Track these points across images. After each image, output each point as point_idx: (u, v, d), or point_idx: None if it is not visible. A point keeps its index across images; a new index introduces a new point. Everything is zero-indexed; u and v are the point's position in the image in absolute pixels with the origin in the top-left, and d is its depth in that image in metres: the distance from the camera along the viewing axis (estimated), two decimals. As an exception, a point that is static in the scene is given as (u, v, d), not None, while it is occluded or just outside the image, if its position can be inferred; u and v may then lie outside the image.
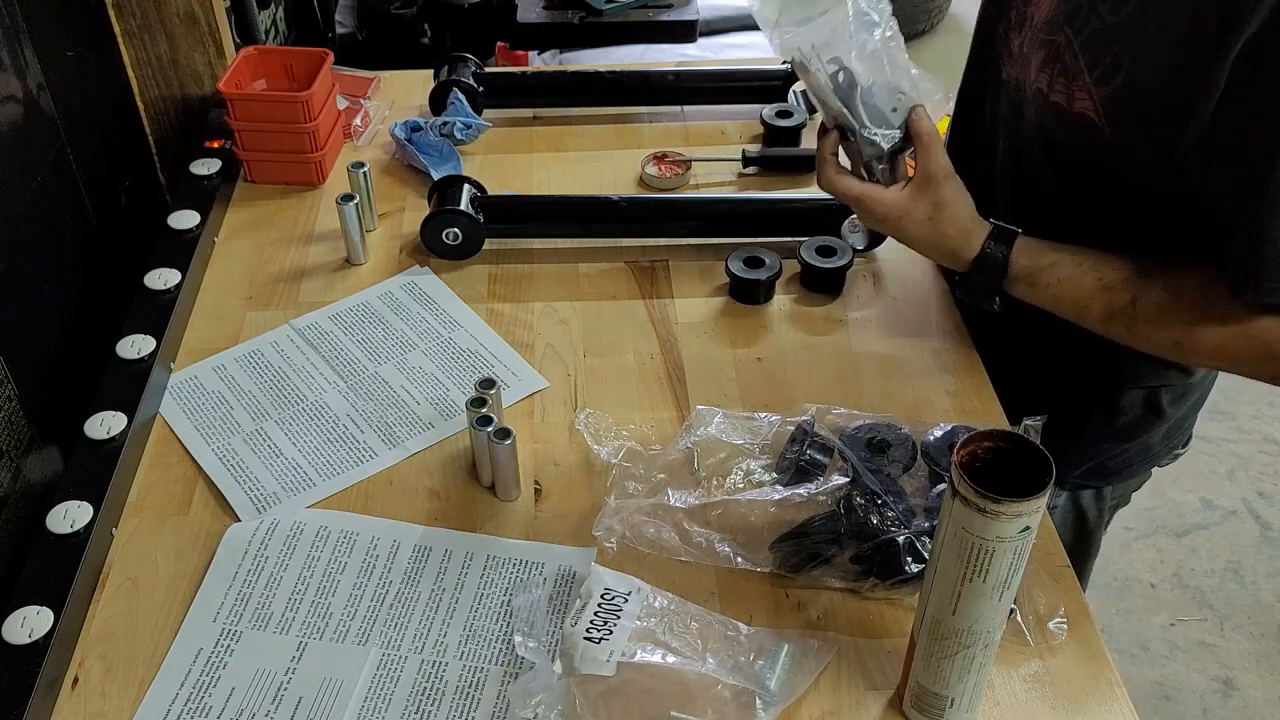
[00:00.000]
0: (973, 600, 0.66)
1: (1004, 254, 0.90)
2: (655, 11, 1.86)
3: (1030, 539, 0.63)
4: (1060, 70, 0.87)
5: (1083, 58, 0.85)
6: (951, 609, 0.67)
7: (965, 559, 0.64)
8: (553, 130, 1.35)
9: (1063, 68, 0.87)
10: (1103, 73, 0.84)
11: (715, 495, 0.87)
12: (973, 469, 0.64)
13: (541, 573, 0.84)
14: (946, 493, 0.64)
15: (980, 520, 0.62)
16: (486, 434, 0.86)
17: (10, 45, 0.99)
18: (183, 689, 0.77)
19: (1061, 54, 0.87)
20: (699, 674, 0.74)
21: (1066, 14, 0.86)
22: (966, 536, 0.63)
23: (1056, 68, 0.87)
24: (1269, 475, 2.24)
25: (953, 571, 0.65)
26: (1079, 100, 0.86)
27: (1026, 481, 0.62)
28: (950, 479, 0.63)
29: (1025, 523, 0.62)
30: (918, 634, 0.72)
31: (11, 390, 0.92)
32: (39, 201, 1.02)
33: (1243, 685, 1.89)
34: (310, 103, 1.19)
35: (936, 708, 0.73)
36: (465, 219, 1.12)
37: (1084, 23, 0.85)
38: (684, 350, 1.04)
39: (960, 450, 0.64)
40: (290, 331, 1.06)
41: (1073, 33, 0.85)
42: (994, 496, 0.61)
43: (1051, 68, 0.88)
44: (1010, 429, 0.65)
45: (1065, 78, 0.87)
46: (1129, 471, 1.11)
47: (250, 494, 0.90)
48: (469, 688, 0.77)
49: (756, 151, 1.27)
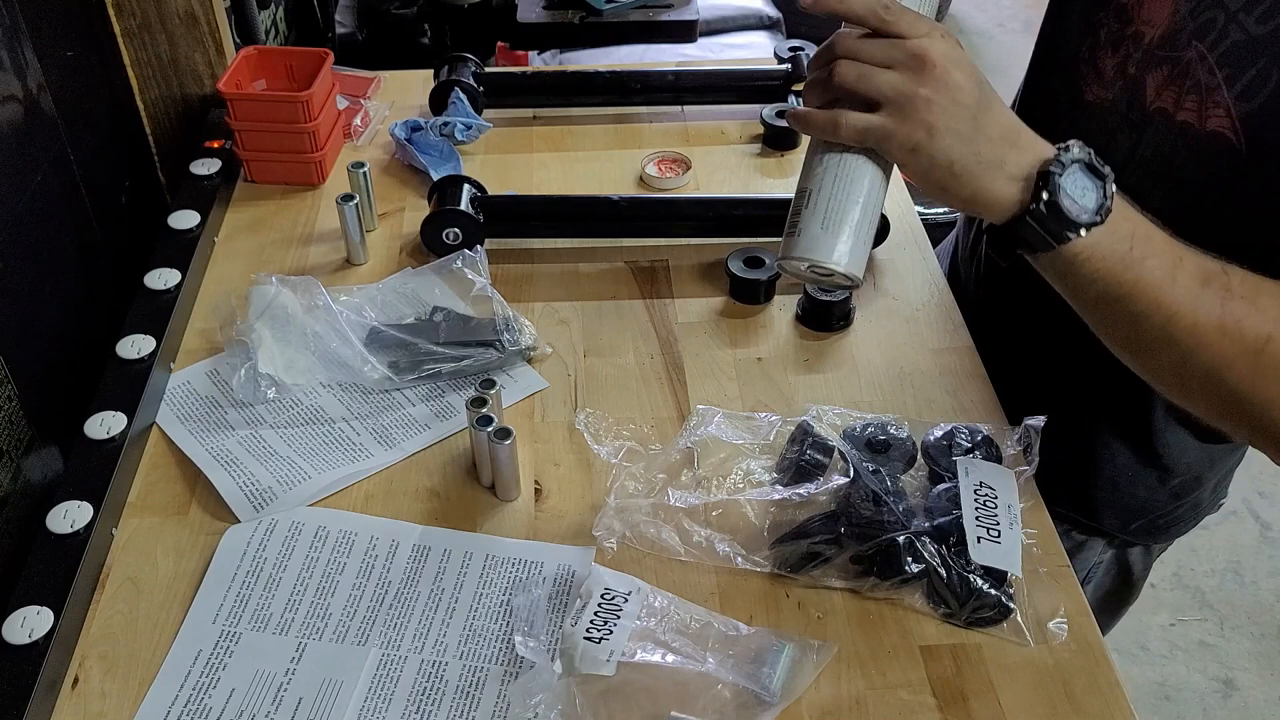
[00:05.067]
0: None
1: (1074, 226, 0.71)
2: (655, 11, 1.87)
3: None
4: (1191, 87, 0.82)
5: (1220, 73, 0.79)
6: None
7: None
8: (553, 130, 1.35)
9: (1194, 84, 0.81)
10: (1245, 88, 0.78)
11: (715, 495, 0.87)
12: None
13: (541, 572, 0.84)
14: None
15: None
16: (486, 434, 0.86)
17: (10, 45, 0.99)
18: (183, 690, 0.77)
19: (1193, 70, 0.81)
20: (699, 674, 0.74)
21: (1196, 29, 0.81)
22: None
23: (1186, 84, 0.82)
24: (1269, 475, 2.23)
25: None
26: (1213, 118, 0.80)
27: None
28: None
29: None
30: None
31: (11, 390, 0.92)
32: (39, 201, 1.02)
33: (1243, 685, 1.89)
34: (310, 103, 1.19)
35: (794, 212, 0.75)
36: (465, 219, 1.12)
37: (1221, 35, 0.79)
38: (684, 350, 1.04)
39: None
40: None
41: (1205, 47, 0.81)
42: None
43: (1179, 85, 0.83)
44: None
45: (1197, 94, 0.81)
46: (1179, 529, 1.07)
47: (248, 493, 0.89)
48: (469, 687, 0.77)
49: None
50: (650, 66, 1.59)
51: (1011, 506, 0.82)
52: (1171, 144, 0.84)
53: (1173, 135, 0.84)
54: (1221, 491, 1.08)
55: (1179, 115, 0.83)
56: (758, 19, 2.30)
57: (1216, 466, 1.02)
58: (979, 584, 0.79)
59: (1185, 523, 1.06)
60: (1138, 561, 1.10)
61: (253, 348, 0.99)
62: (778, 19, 2.36)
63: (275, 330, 1.00)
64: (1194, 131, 0.82)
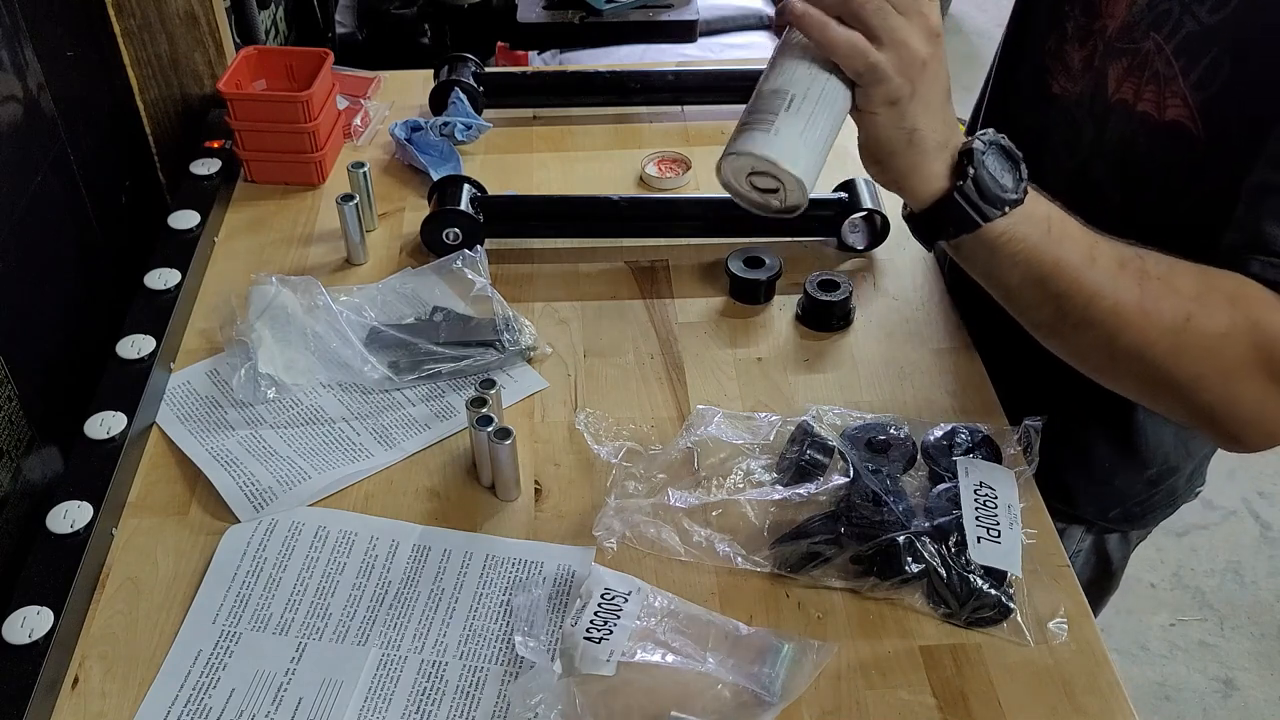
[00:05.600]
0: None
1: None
2: (655, 11, 1.87)
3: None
4: (1150, 77, 0.84)
5: (1176, 63, 0.82)
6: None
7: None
8: (553, 130, 1.35)
9: (1153, 74, 0.83)
10: (1200, 77, 0.80)
11: (715, 495, 0.87)
12: None
13: (541, 572, 0.84)
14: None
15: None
16: (486, 434, 0.86)
17: (10, 45, 0.99)
18: (183, 690, 0.77)
19: (1151, 60, 0.83)
20: (699, 674, 0.74)
21: (1152, 20, 0.84)
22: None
23: (1145, 75, 0.84)
24: (1269, 475, 2.23)
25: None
26: (1172, 107, 0.82)
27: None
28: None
29: None
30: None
31: (11, 390, 0.92)
32: (39, 201, 1.02)
33: (1243, 685, 1.89)
34: (310, 103, 1.19)
35: (765, 110, 0.70)
36: (465, 219, 1.12)
37: (1176, 26, 0.82)
38: (684, 350, 1.04)
39: None
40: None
41: (1162, 38, 0.82)
42: None
43: (1138, 76, 0.85)
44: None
45: (1156, 84, 0.83)
46: (1155, 516, 1.10)
47: (248, 493, 0.89)
48: (469, 687, 0.77)
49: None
50: (650, 66, 1.59)
51: (1011, 506, 0.82)
52: (1133, 134, 0.86)
53: (1134, 125, 0.86)
54: (1198, 479, 1.09)
55: (1139, 105, 0.85)
56: (758, 19, 2.30)
57: (1193, 455, 1.04)
58: (979, 584, 0.79)
59: (1162, 509, 1.08)
60: (1116, 551, 1.12)
61: (253, 348, 0.99)
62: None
63: (275, 330, 1.00)
64: (1154, 121, 0.84)
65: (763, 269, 1.08)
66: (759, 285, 1.08)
